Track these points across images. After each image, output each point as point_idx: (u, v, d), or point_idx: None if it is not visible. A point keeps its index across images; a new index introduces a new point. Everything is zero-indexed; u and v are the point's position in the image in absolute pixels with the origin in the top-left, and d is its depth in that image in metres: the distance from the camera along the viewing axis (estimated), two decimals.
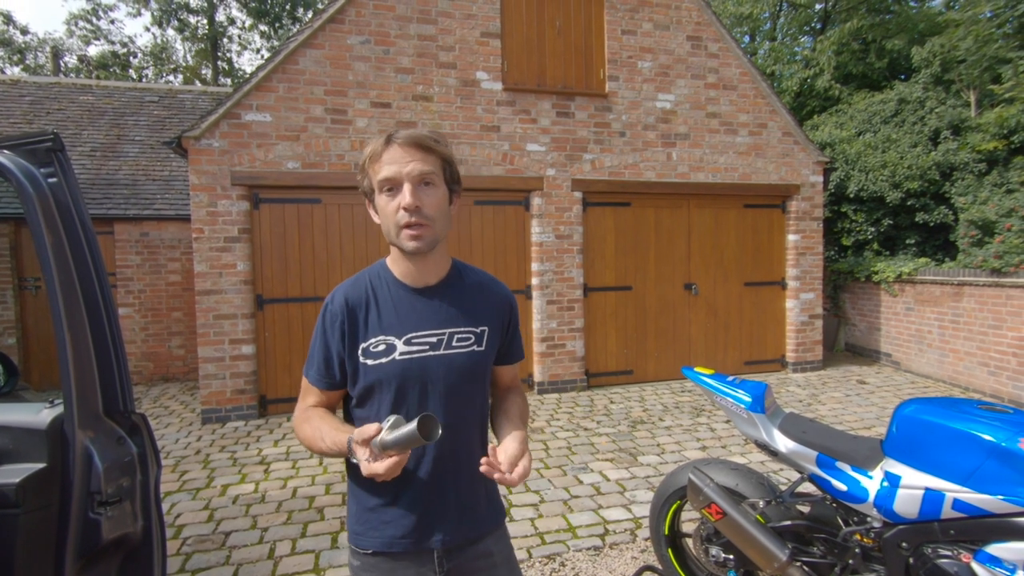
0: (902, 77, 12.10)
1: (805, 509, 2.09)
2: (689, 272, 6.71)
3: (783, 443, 2.02)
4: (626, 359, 6.52)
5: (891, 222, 8.04)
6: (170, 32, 22.72)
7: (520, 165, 6.03)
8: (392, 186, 1.15)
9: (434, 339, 1.22)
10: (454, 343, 1.23)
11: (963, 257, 6.49)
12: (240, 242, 5.35)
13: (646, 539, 3.04)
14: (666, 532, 2.37)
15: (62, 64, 20.11)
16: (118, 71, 22.30)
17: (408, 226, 1.14)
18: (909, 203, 7.94)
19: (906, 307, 6.97)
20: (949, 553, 1.68)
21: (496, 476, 1.10)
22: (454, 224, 1.27)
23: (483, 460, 1.09)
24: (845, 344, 8.13)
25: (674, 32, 6.48)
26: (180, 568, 2.85)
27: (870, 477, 1.84)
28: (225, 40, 23.21)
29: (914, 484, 1.74)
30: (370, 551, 1.22)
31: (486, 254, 6.03)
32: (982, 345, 5.89)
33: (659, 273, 6.60)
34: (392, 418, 1.04)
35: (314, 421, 1.20)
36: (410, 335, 1.21)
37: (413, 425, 0.98)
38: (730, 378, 2.26)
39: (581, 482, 3.80)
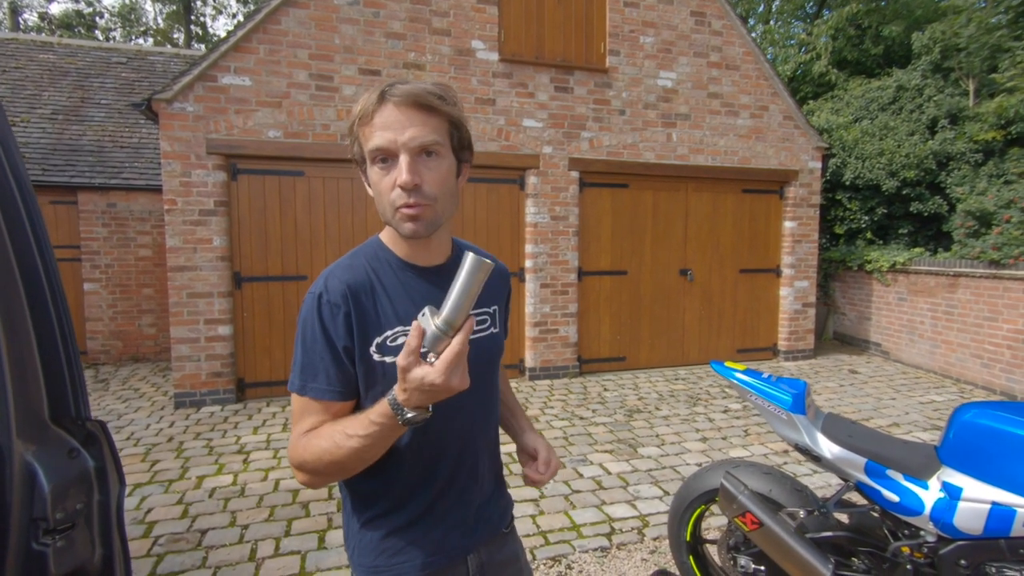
0: (895, 65, 12.01)
1: (844, 519, 1.93)
2: (685, 258, 6.54)
3: (828, 448, 1.84)
4: (619, 345, 6.36)
5: (885, 211, 7.97)
6: None
7: (516, 141, 5.75)
8: (386, 156, 0.92)
9: None
10: (474, 327, 1.05)
11: (958, 248, 6.44)
12: (216, 215, 4.99)
13: (654, 539, 2.88)
14: (687, 538, 2.20)
15: (21, 21, 18.92)
16: (83, 32, 21.09)
17: (406, 206, 0.93)
18: (904, 192, 7.87)
19: (898, 297, 6.93)
20: (1017, 573, 1.53)
21: (535, 477, 1.14)
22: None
23: (526, 474, 1.14)
24: (833, 333, 8.11)
25: (678, 6, 6.21)
26: (151, 571, 2.60)
27: (926, 488, 1.67)
28: (199, 3, 22.10)
29: (978, 497, 1.58)
30: None
31: (478, 234, 5.76)
32: (976, 337, 5.86)
33: (655, 258, 6.42)
34: (425, 309, 0.82)
35: (323, 431, 0.94)
36: None
37: (467, 263, 0.79)
38: (765, 374, 2.07)
39: (581, 475, 3.63)
